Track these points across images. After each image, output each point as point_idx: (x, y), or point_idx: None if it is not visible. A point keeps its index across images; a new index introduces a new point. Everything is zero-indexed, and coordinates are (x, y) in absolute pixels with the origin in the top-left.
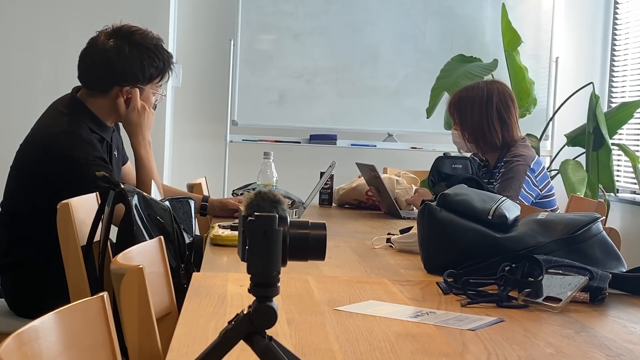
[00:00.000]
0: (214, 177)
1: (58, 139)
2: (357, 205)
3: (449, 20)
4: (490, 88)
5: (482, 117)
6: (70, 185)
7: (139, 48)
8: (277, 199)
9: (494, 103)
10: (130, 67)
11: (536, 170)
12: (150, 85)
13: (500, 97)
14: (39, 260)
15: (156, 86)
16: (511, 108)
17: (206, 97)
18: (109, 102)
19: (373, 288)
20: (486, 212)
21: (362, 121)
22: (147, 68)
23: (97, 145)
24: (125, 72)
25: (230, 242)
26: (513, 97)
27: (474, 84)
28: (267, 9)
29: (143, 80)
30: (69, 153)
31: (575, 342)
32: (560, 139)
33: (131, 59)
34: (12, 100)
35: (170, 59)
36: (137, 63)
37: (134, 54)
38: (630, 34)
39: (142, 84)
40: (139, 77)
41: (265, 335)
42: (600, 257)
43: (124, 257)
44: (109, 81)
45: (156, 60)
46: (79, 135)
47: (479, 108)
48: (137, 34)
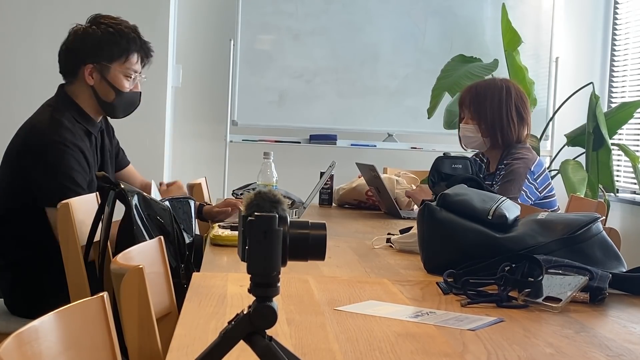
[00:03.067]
0: (214, 177)
1: (39, 127)
2: (357, 205)
3: (449, 20)
4: (507, 83)
5: (502, 110)
6: (44, 168)
7: (100, 27)
8: (277, 199)
9: (512, 98)
10: (88, 43)
11: (537, 172)
12: (117, 65)
13: (517, 92)
14: (35, 260)
15: (125, 67)
16: (527, 105)
17: (206, 97)
18: (82, 86)
19: (373, 288)
20: (486, 212)
21: (362, 121)
22: (108, 45)
23: (78, 133)
24: (85, 49)
25: (230, 242)
26: (526, 95)
27: (489, 79)
28: (267, 9)
29: (105, 57)
30: (46, 138)
31: (575, 342)
32: (560, 139)
33: (91, 37)
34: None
35: (137, 41)
36: (96, 39)
37: (93, 32)
38: (630, 34)
39: (105, 60)
40: (97, 52)
41: (265, 335)
42: (600, 257)
43: (124, 257)
44: (74, 62)
45: (118, 38)
46: (59, 122)
47: (498, 101)
48: (103, 17)
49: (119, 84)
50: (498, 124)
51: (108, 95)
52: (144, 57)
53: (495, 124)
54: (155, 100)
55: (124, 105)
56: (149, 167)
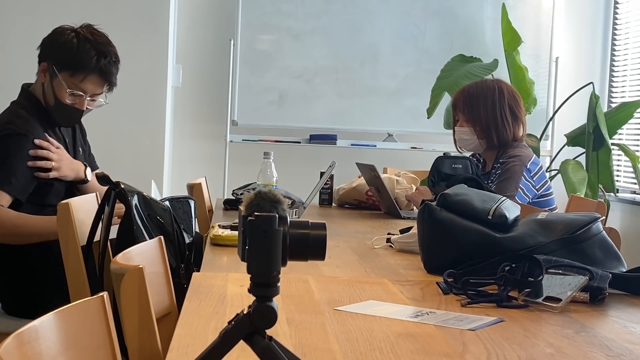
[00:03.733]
0: (214, 177)
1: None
2: (357, 205)
3: (449, 20)
4: (499, 84)
5: (496, 111)
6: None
7: (75, 34)
8: (277, 199)
9: (505, 98)
10: (54, 43)
11: (533, 170)
12: (64, 75)
13: (510, 92)
14: (31, 259)
15: (71, 81)
16: (520, 104)
17: (206, 97)
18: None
19: (373, 288)
20: (486, 212)
21: (362, 121)
22: (65, 53)
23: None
24: (48, 44)
25: (230, 242)
26: (518, 94)
27: (480, 81)
28: (267, 9)
29: (57, 62)
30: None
31: (575, 342)
32: (560, 139)
33: (58, 36)
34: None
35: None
36: (60, 42)
37: (66, 34)
38: (630, 34)
39: (56, 67)
40: (53, 53)
41: (265, 335)
42: (600, 257)
43: (124, 257)
44: (40, 54)
45: (75, 51)
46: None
47: (492, 103)
48: (92, 29)
49: (59, 93)
50: (493, 125)
51: (49, 99)
52: (101, 82)
53: (490, 126)
54: (155, 100)
55: (61, 115)
56: (149, 167)
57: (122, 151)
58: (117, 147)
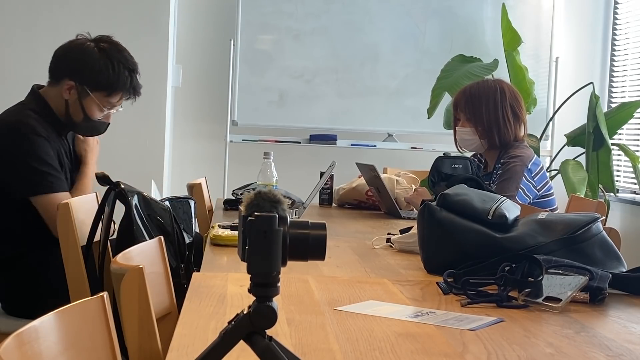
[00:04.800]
0: (214, 177)
1: (7, 121)
2: (357, 205)
3: (449, 20)
4: (500, 84)
5: (498, 111)
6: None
7: (102, 52)
8: (277, 199)
9: (507, 98)
10: (82, 62)
11: (534, 170)
12: (97, 95)
13: (511, 92)
14: (30, 259)
15: (104, 99)
16: (521, 103)
17: (206, 97)
18: (59, 94)
19: (373, 288)
20: (486, 212)
21: (362, 121)
22: (97, 73)
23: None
24: (75, 64)
25: (230, 242)
26: (519, 94)
27: (481, 81)
28: (267, 9)
29: (89, 83)
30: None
31: (575, 342)
32: (560, 139)
33: (87, 56)
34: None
35: (128, 81)
36: (90, 62)
37: (92, 53)
38: (630, 34)
39: (88, 86)
40: (85, 75)
41: (265, 335)
42: (600, 257)
43: (124, 257)
44: (62, 70)
45: (110, 70)
46: (27, 115)
47: (493, 103)
48: (112, 43)
49: (90, 112)
50: (495, 125)
51: (76, 116)
52: (130, 96)
53: (492, 126)
54: (155, 100)
55: (88, 129)
56: (149, 167)
57: (122, 151)
58: (117, 147)
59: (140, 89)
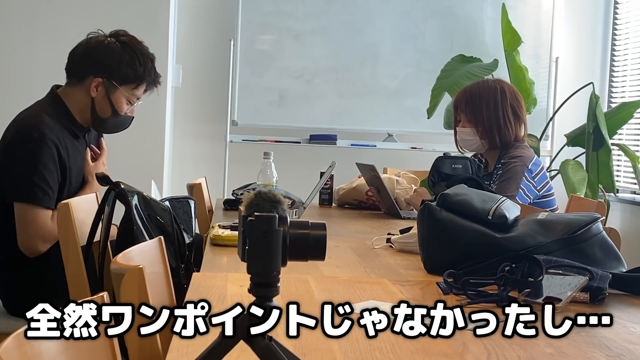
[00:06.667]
0: (214, 177)
1: (21, 122)
2: (357, 205)
3: (449, 20)
4: (500, 84)
5: (498, 111)
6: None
7: (124, 46)
8: (277, 199)
9: (507, 98)
10: (107, 58)
11: (534, 170)
12: (125, 88)
13: (512, 92)
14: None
15: (131, 92)
16: (521, 104)
17: (206, 97)
18: (82, 93)
19: (373, 288)
20: (486, 212)
21: (362, 121)
22: (125, 66)
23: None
24: (101, 61)
25: (230, 242)
26: (520, 94)
27: (482, 81)
28: (267, 9)
29: (117, 77)
30: (25, 132)
31: (575, 342)
32: (560, 139)
33: (111, 51)
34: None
35: (153, 72)
36: (115, 56)
37: (115, 48)
38: (630, 34)
39: (116, 81)
40: (113, 70)
41: (265, 335)
42: (600, 257)
43: (124, 257)
44: (85, 68)
45: (137, 62)
46: (41, 118)
47: (494, 103)
48: (130, 36)
49: (118, 106)
50: (495, 125)
51: (104, 112)
52: (152, 87)
53: (493, 126)
54: (155, 100)
55: (115, 125)
56: (149, 167)
57: (122, 151)
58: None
59: (159, 79)
